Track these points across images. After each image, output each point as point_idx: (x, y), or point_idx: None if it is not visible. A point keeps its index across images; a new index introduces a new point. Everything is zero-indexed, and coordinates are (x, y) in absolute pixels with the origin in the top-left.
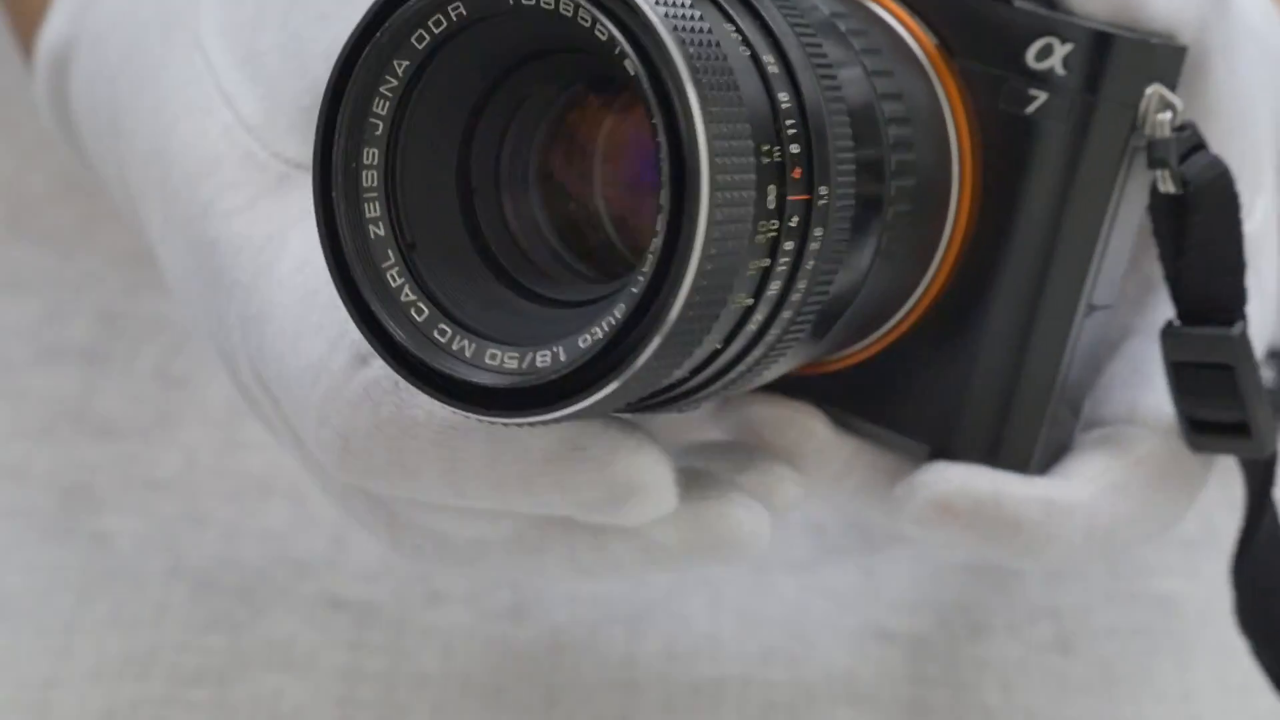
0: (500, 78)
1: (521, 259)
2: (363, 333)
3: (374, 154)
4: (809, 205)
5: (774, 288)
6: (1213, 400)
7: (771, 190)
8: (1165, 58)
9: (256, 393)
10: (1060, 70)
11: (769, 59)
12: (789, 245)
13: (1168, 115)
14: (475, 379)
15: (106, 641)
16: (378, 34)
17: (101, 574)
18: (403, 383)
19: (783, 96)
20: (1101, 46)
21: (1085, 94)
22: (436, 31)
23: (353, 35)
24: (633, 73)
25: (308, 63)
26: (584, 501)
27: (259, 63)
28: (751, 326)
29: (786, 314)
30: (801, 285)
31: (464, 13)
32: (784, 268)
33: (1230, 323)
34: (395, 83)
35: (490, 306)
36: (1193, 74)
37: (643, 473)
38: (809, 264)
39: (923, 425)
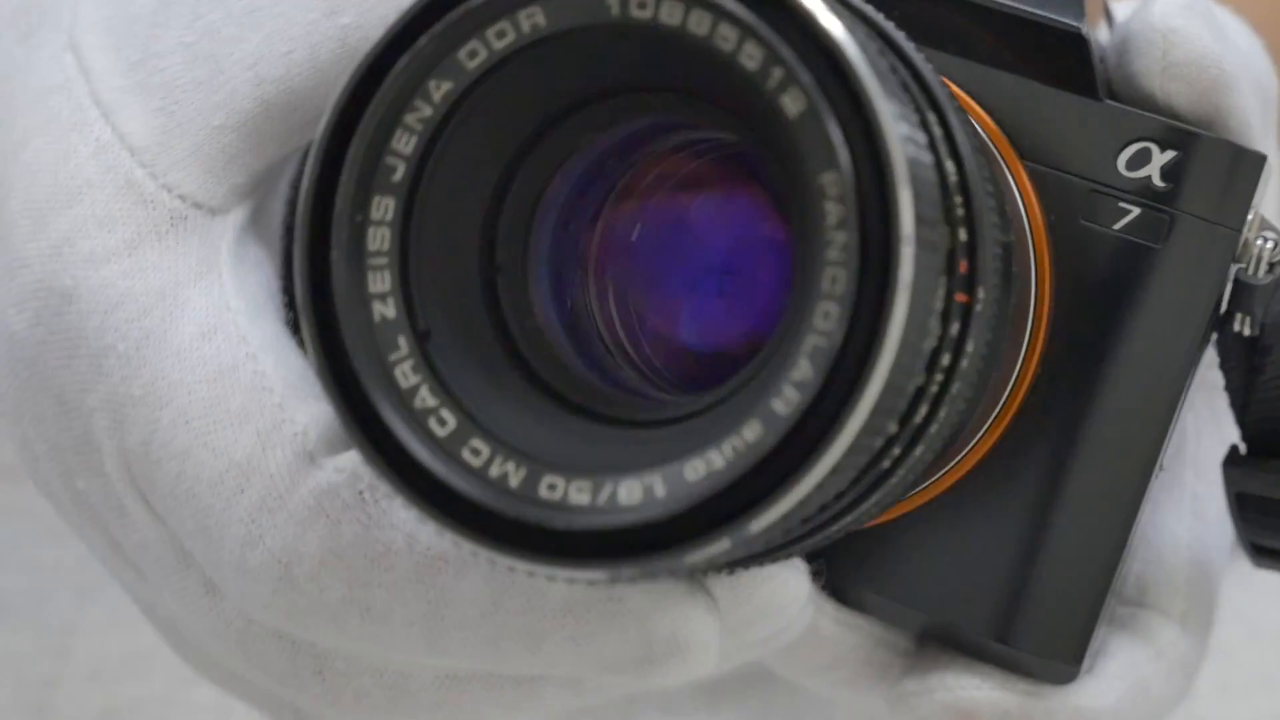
0: (551, 121)
1: (552, 359)
2: (361, 447)
3: (388, 206)
4: (969, 310)
5: (920, 413)
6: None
7: (941, 285)
8: (1258, 169)
9: (124, 502)
10: (1159, 182)
11: (931, 116)
12: (945, 360)
13: (1270, 243)
14: (528, 516)
15: (107, 641)
16: (415, 42)
17: (101, 574)
18: (371, 492)
19: (949, 166)
20: (1212, 157)
21: (1188, 212)
22: (497, 46)
23: (380, 41)
24: (794, 114)
25: (225, 70)
26: (605, 662)
27: (155, 67)
28: (885, 463)
29: (919, 450)
30: (943, 414)
31: (540, 23)
32: (935, 388)
33: None
34: (429, 111)
35: (528, 417)
36: None
37: (692, 629)
38: (955, 386)
39: (935, 598)
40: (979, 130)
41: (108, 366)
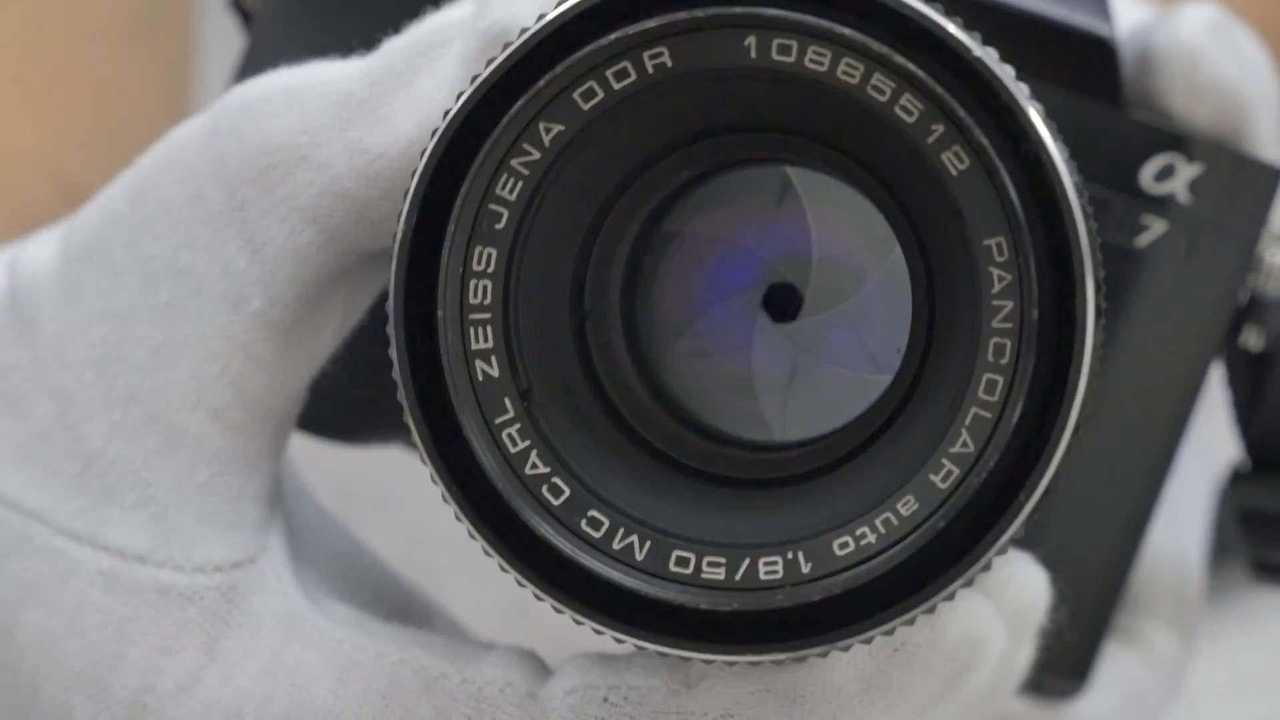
0: (656, 157)
1: (640, 408)
2: (469, 521)
3: (490, 257)
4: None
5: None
6: None
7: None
8: (1274, 183)
9: None
10: (1185, 196)
11: None
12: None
13: None
14: (660, 594)
15: None
16: (535, 83)
17: None
18: (614, 693)
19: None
20: (1235, 171)
21: (1212, 225)
22: (616, 87)
23: (482, 81)
24: (957, 172)
25: (175, 426)
26: (922, 702)
27: (103, 466)
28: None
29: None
30: None
31: (666, 64)
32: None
33: None
34: (537, 155)
35: (634, 479)
36: None
37: (975, 618)
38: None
39: None
40: None
41: None
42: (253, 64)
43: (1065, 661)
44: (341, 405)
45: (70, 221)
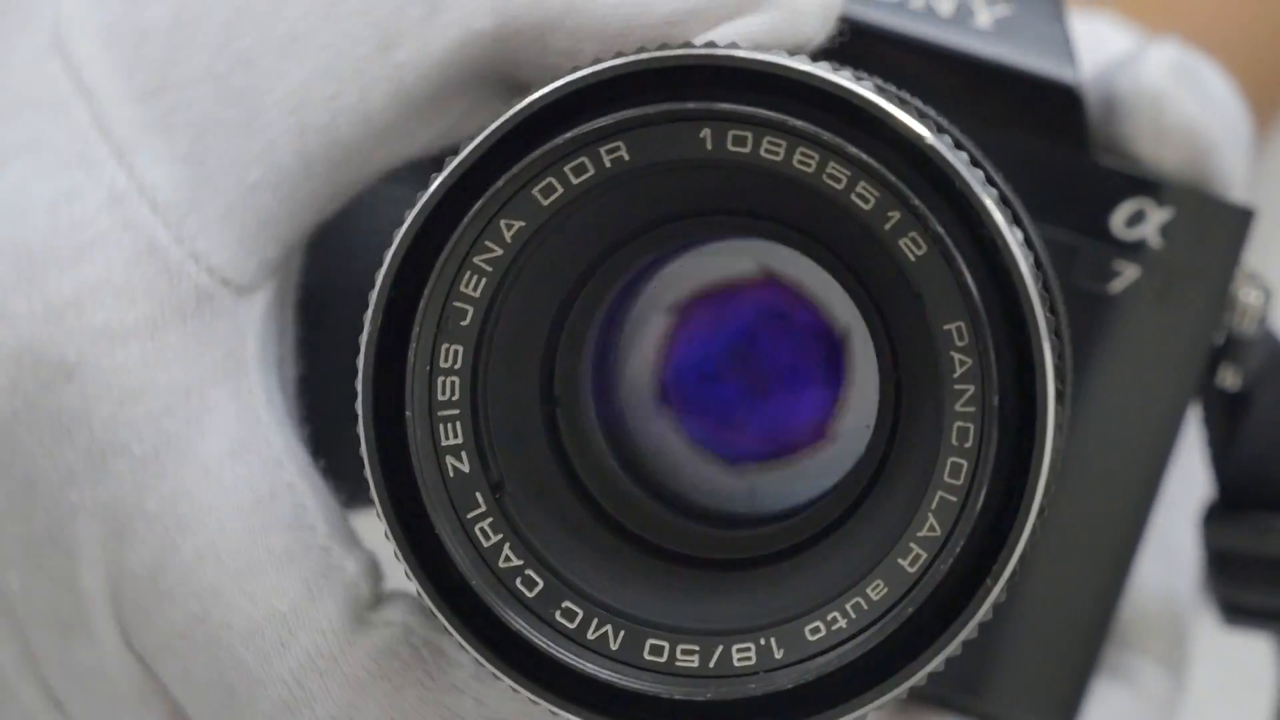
0: (618, 245)
1: (615, 491)
2: (443, 616)
3: (456, 353)
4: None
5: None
6: (1255, 588)
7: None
8: (1247, 224)
9: (94, 624)
10: (1156, 241)
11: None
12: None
13: (1260, 298)
14: (635, 685)
15: None
16: (493, 182)
17: None
18: (428, 649)
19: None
20: (1206, 213)
21: (1186, 269)
22: (575, 182)
23: (442, 181)
24: (915, 257)
25: (263, 113)
26: None
27: (179, 100)
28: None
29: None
30: None
31: (624, 158)
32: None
33: (1278, 507)
34: (500, 252)
35: (608, 566)
36: None
37: None
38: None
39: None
40: None
41: (116, 467)
42: None
43: (1053, 701)
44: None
45: None
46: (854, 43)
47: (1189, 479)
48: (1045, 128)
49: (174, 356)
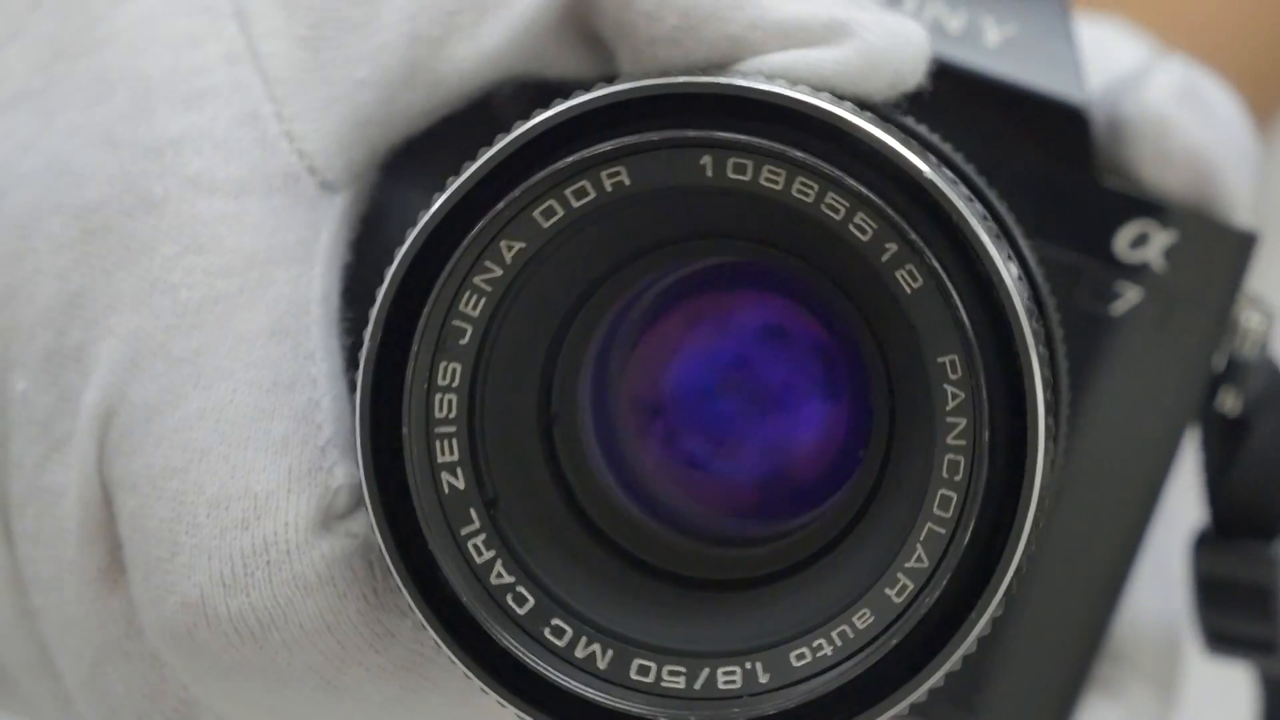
0: (617, 267)
1: (610, 509)
2: (433, 630)
3: (454, 371)
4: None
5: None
6: (1241, 617)
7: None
8: (1250, 248)
9: (81, 440)
10: (1159, 264)
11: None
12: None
13: (1263, 323)
14: (621, 705)
15: None
16: (494, 206)
17: None
18: (380, 566)
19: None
20: (1210, 238)
21: (1189, 292)
22: (575, 205)
23: (444, 201)
24: (911, 290)
25: (382, 14)
26: None
27: None
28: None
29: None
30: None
31: (624, 183)
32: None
33: (1270, 536)
34: (499, 272)
35: (601, 585)
36: None
37: None
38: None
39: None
40: None
41: (159, 303)
42: None
43: (1043, 717)
44: None
45: None
46: None
47: (1188, 501)
48: (1051, 147)
49: (250, 225)
